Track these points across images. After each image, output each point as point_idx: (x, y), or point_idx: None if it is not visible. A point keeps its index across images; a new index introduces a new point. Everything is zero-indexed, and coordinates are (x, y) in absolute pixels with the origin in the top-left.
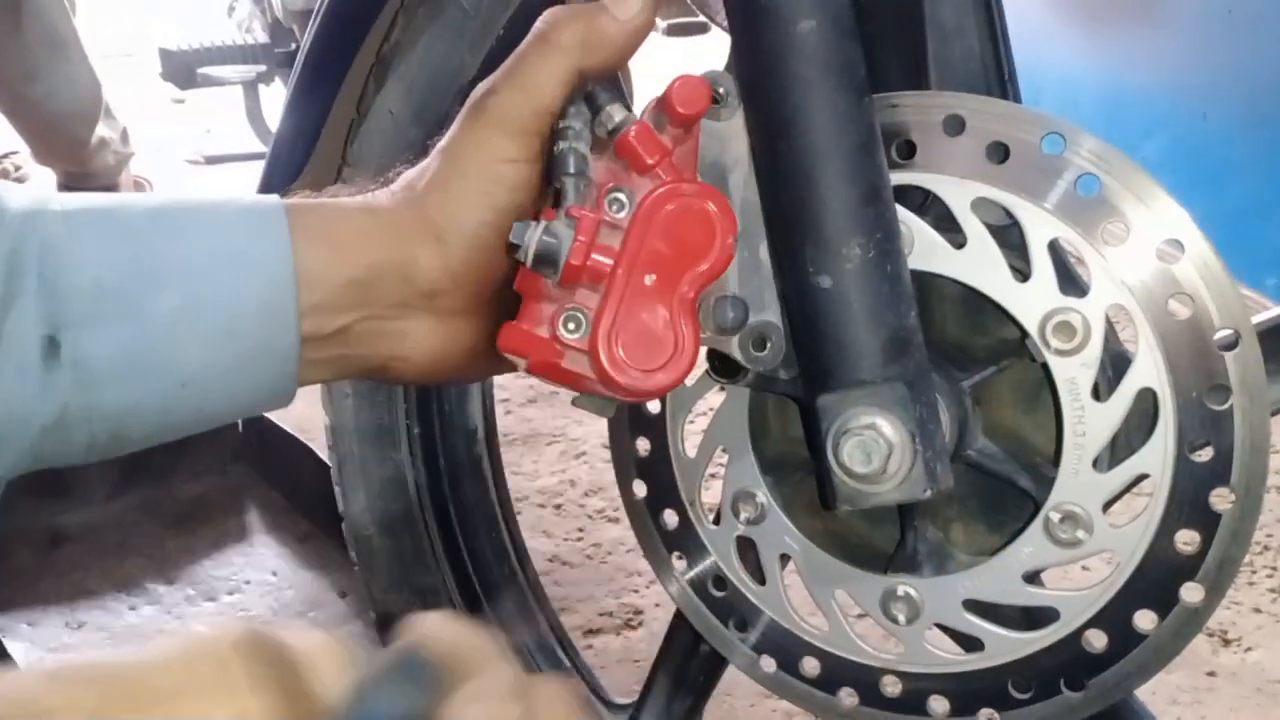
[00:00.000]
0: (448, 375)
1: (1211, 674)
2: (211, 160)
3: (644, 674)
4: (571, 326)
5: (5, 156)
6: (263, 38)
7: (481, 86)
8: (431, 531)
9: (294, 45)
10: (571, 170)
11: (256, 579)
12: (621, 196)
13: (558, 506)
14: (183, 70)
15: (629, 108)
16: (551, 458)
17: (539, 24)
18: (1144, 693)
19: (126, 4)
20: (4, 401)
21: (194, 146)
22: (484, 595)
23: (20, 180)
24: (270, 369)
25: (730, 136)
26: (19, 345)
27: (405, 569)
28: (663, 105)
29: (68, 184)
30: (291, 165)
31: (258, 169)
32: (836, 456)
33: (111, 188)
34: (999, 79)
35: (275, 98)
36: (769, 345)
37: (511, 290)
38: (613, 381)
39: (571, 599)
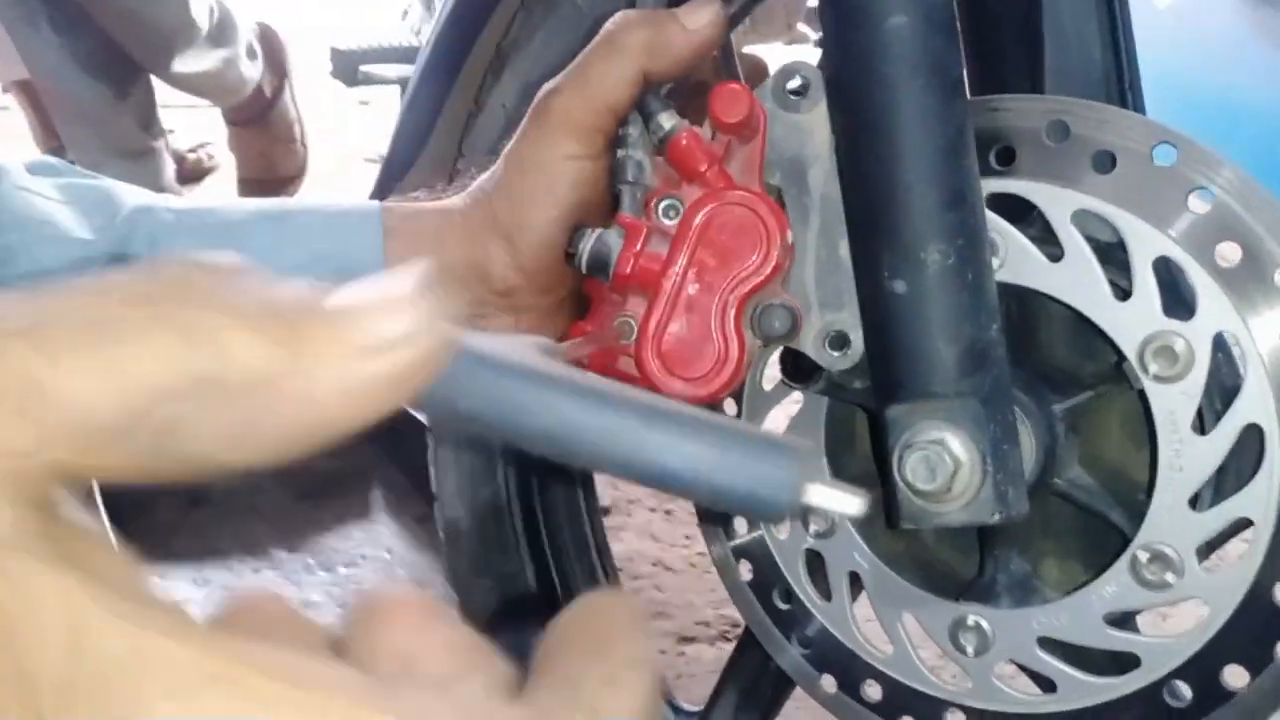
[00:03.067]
0: None
1: None
2: (374, 161)
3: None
4: (625, 331)
5: (200, 147)
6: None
7: (546, 87)
8: (515, 519)
9: None
10: (628, 178)
11: (372, 554)
12: (673, 203)
13: (668, 513)
14: (349, 69)
15: (680, 114)
16: None
17: (608, 25)
18: None
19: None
20: None
21: (373, 146)
22: (560, 586)
23: (210, 169)
24: None
25: (811, 130)
26: None
27: (488, 554)
28: (709, 113)
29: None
30: (407, 157)
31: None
32: (900, 471)
33: (258, 109)
34: (1119, 89)
35: None
36: (849, 346)
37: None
38: (657, 389)
39: (670, 605)
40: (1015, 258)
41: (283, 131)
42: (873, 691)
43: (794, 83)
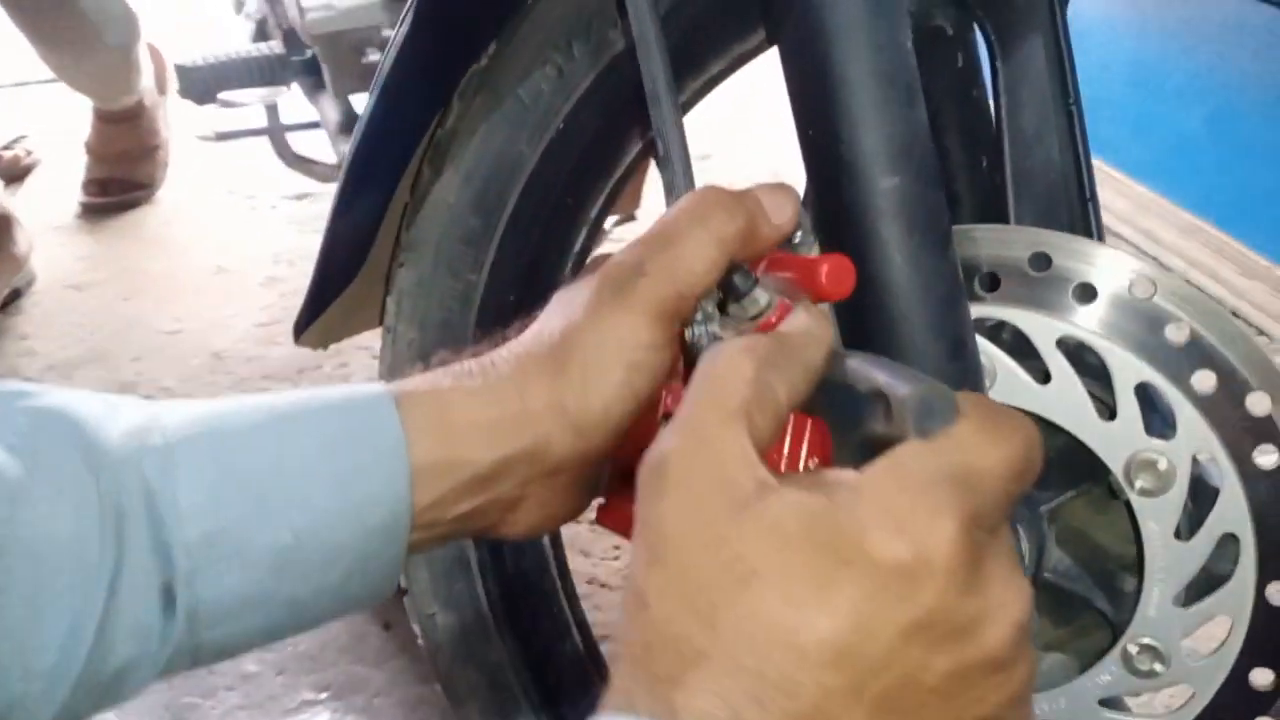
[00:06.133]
0: (552, 529)
1: None
2: (223, 137)
3: None
4: None
5: (15, 142)
6: (278, 46)
7: (623, 261)
8: (496, 609)
9: (309, 53)
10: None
11: None
12: None
13: (592, 523)
14: (199, 86)
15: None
16: None
17: (696, 206)
18: None
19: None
20: (122, 653)
21: (206, 122)
22: (544, 668)
23: (31, 166)
24: (376, 575)
25: None
26: (135, 603)
27: (470, 646)
28: (804, 282)
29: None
30: (348, 268)
31: (266, 146)
32: None
33: (134, 112)
34: (1080, 194)
35: (293, 105)
36: None
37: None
38: None
39: (610, 625)
40: (1005, 380)
41: (149, 138)
42: None
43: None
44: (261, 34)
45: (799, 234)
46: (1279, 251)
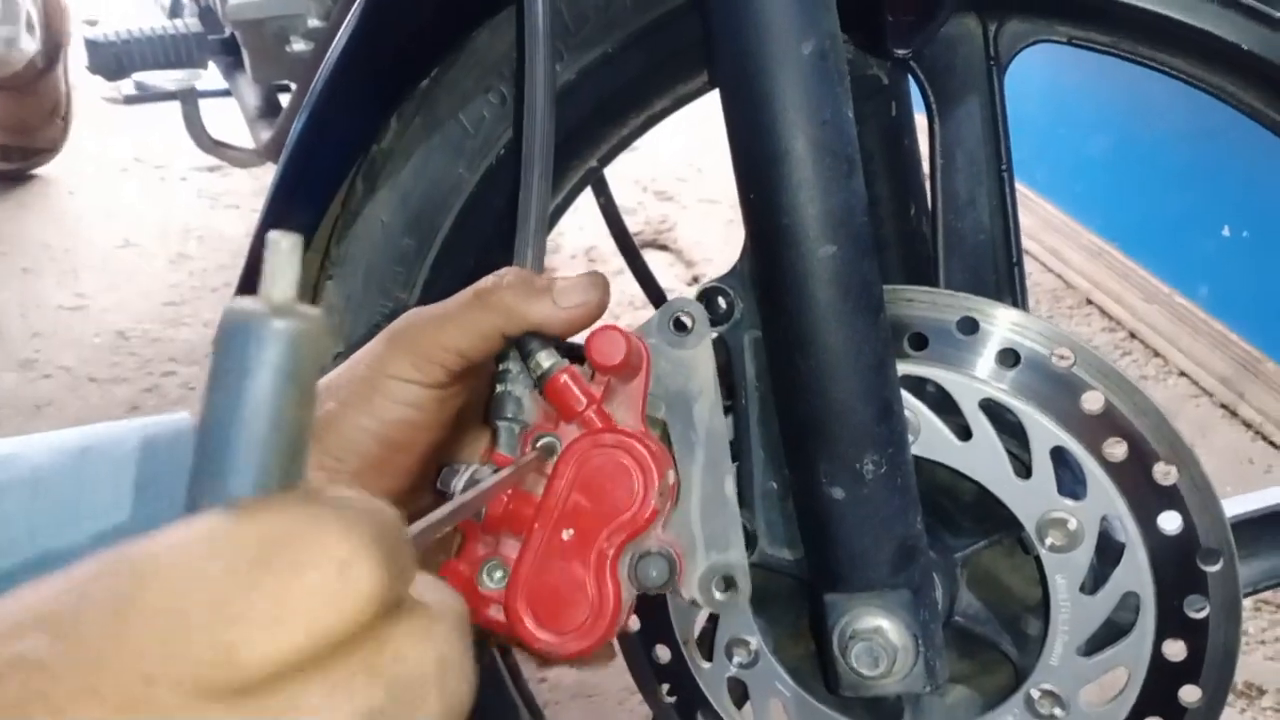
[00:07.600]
0: None
1: None
2: (131, 100)
3: (599, 709)
4: (498, 576)
5: None
6: (194, 23)
7: (411, 312)
8: None
9: (228, 31)
10: (506, 414)
11: None
12: (551, 442)
13: None
14: (110, 62)
15: (559, 353)
16: None
17: (488, 277)
18: None
19: None
20: None
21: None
22: None
23: None
24: None
25: (696, 364)
26: None
27: None
28: (588, 355)
29: None
30: None
31: (177, 111)
32: (845, 657)
33: (28, 78)
34: (1007, 258)
35: (209, 79)
36: (736, 585)
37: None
38: (524, 642)
39: None
40: (929, 435)
41: (47, 103)
42: None
43: (679, 319)
44: (177, 8)
45: (693, 323)
46: (1180, 278)
